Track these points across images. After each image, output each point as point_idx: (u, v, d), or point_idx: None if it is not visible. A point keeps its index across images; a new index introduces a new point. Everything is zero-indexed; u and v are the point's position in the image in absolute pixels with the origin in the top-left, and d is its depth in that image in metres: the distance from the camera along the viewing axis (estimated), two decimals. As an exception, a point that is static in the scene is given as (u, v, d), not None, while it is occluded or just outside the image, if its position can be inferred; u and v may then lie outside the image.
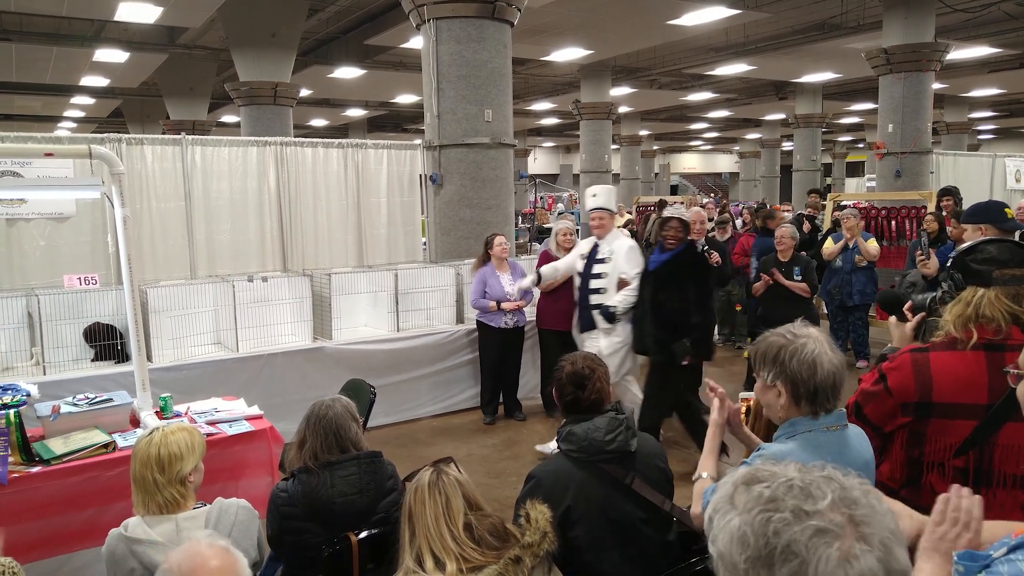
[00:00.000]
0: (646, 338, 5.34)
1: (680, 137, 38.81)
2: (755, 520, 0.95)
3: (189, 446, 2.51)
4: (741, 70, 18.16)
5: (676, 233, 5.34)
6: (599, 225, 5.69)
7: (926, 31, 11.87)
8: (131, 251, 3.85)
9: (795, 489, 0.97)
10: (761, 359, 2.05)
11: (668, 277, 5.25)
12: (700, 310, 5.26)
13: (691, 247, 5.42)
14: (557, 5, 11.76)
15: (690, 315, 5.18)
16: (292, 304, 6.20)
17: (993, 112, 27.85)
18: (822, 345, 2.00)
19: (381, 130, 30.21)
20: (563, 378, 2.65)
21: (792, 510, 0.95)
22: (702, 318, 5.29)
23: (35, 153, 4.49)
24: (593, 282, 5.60)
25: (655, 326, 5.23)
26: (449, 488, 2.20)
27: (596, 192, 5.83)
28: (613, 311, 5.47)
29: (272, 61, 12.51)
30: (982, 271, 2.18)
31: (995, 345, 2.14)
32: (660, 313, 5.21)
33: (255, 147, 7.01)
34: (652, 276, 5.34)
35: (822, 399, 1.99)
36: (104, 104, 21.37)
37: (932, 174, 11.86)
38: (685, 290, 5.21)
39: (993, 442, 2.13)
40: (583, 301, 5.67)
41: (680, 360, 5.17)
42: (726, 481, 1.06)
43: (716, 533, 1.00)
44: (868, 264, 7.97)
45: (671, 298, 5.19)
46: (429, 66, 7.67)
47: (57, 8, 11.03)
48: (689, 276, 5.26)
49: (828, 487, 0.97)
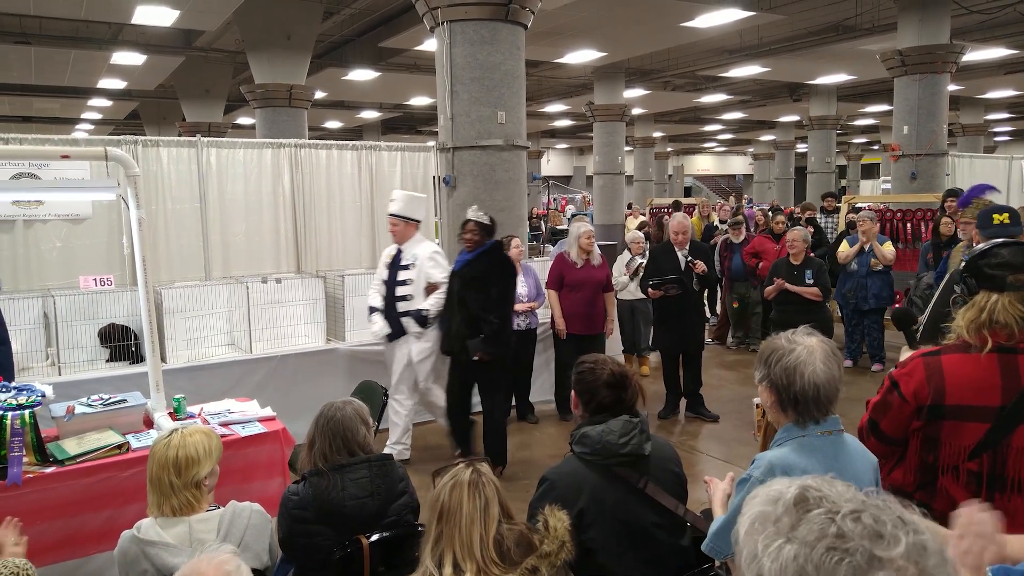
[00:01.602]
0: (452, 338, 5.33)
1: (694, 139, 38.69)
2: (820, 558, 0.87)
3: (207, 450, 2.51)
4: (755, 72, 18.08)
5: (472, 236, 5.37)
6: (393, 231, 5.66)
7: (941, 33, 11.77)
8: (146, 252, 3.87)
9: (865, 526, 0.89)
10: (758, 358, 2.08)
11: (472, 278, 5.28)
12: (498, 308, 5.30)
13: (495, 248, 5.43)
14: (571, 8, 11.75)
15: (490, 314, 5.22)
16: (306, 305, 6.23)
17: (1009, 114, 27.60)
18: (812, 355, 1.97)
19: (395, 132, 30.29)
20: (598, 380, 2.58)
21: (863, 553, 0.86)
22: (499, 317, 5.30)
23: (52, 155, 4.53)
24: (399, 289, 5.55)
25: (461, 326, 5.25)
26: (488, 491, 2.13)
27: (395, 197, 5.73)
28: (426, 315, 5.47)
29: (287, 63, 12.58)
30: (996, 276, 2.16)
31: (1008, 348, 2.12)
32: (465, 313, 5.24)
33: (270, 149, 7.04)
34: (457, 277, 5.38)
35: (803, 409, 1.98)
36: (121, 106, 21.54)
37: (948, 176, 11.77)
38: (489, 290, 5.26)
39: (1007, 445, 2.11)
40: (390, 309, 5.59)
41: (472, 355, 5.19)
42: (765, 496, 0.97)
43: (758, 554, 0.91)
44: (884, 267, 7.91)
45: (476, 298, 5.22)
46: (443, 68, 7.68)
47: (76, 11, 11.12)
48: (491, 277, 5.30)
49: (902, 531, 0.89)
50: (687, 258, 6.51)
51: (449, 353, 5.45)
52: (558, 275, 6.55)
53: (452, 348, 5.37)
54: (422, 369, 5.62)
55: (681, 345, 6.67)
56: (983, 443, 2.12)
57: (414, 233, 5.67)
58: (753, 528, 0.94)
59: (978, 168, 12.28)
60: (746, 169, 44.30)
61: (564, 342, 6.54)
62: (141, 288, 3.92)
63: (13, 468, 3.21)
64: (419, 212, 5.75)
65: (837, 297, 8.33)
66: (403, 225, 5.62)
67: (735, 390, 7.08)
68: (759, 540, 0.92)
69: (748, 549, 0.93)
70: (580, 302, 6.45)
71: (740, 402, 6.14)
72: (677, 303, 6.47)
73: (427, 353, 5.57)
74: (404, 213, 5.62)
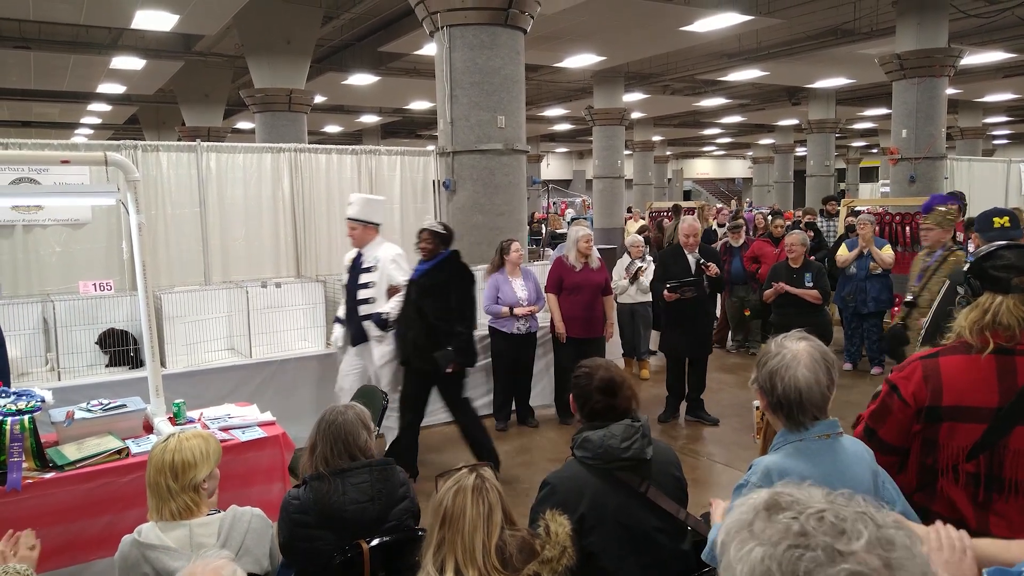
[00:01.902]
0: (409, 348, 5.21)
1: (693, 142, 38.73)
2: (783, 556, 0.89)
3: (204, 453, 2.51)
4: (754, 76, 18.11)
5: (426, 244, 5.30)
6: (352, 235, 5.60)
7: (939, 36, 11.80)
8: (146, 257, 3.87)
9: (827, 523, 0.91)
10: (756, 360, 2.10)
11: (430, 287, 5.18)
12: (463, 318, 5.21)
13: (452, 256, 5.32)
14: (570, 12, 11.77)
15: (453, 323, 5.13)
16: (305, 310, 6.23)
17: (1008, 117, 27.64)
18: (797, 360, 1.97)
19: (394, 136, 30.32)
20: (591, 385, 2.60)
21: (824, 548, 0.88)
22: (465, 326, 5.23)
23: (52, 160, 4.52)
24: (361, 292, 5.49)
25: (419, 335, 5.14)
26: (492, 497, 2.12)
27: (352, 200, 5.69)
28: (387, 318, 5.40)
29: (287, 68, 12.60)
30: (1001, 278, 2.16)
31: (1006, 350, 2.13)
32: (423, 322, 5.13)
33: (269, 154, 7.04)
34: (415, 286, 5.26)
35: (789, 411, 1.99)
36: (120, 111, 21.56)
37: (946, 179, 11.78)
38: (447, 299, 5.16)
39: (1004, 447, 2.11)
40: (351, 313, 5.54)
41: (444, 368, 5.10)
42: (743, 504, 1.00)
43: (732, 562, 0.94)
44: (883, 271, 7.92)
45: (434, 307, 5.12)
46: (442, 73, 7.69)
47: (75, 16, 11.14)
48: (451, 285, 5.20)
49: (863, 524, 0.91)
50: (699, 260, 6.46)
51: (406, 364, 5.31)
52: (557, 279, 6.56)
53: (409, 358, 5.26)
54: (384, 375, 5.53)
55: (691, 348, 6.61)
56: (980, 444, 2.12)
57: (374, 236, 5.63)
58: (729, 536, 0.97)
59: (977, 171, 12.30)
60: (745, 173, 44.35)
61: (564, 346, 6.54)
62: (141, 293, 3.92)
63: (13, 473, 3.21)
64: (377, 215, 5.68)
65: (837, 300, 8.33)
66: (361, 228, 5.58)
67: (735, 394, 7.08)
68: (732, 547, 0.95)
69: (726, 557, 0.96)
70: (579, 306, 6.45)
71: (740, 405, 6.14)
72: (691, 306, 6.39)
73: (388, 357, 5.48)
74: (362, 216, 5.57)
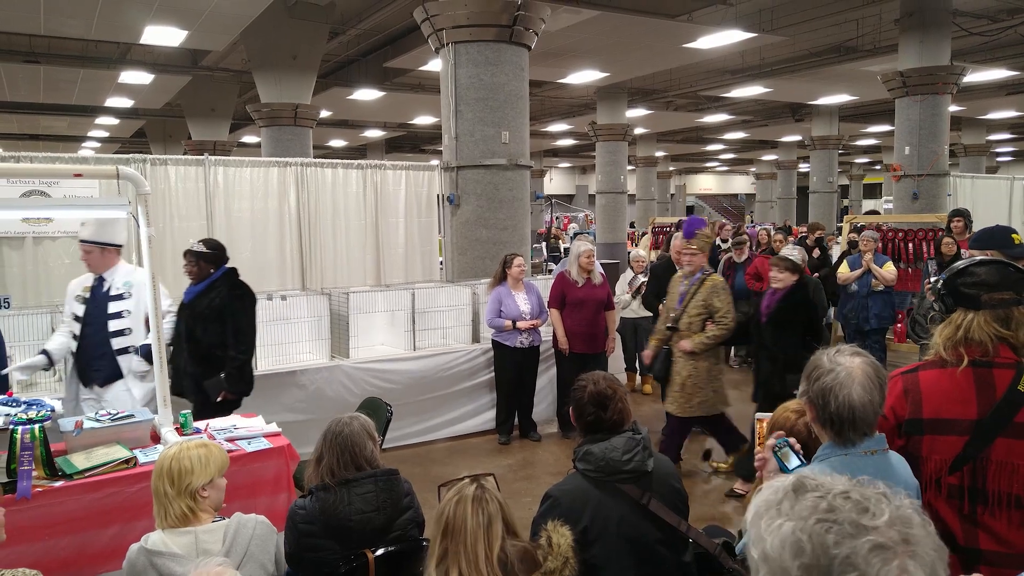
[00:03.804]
0: (183, 377, 4.80)
1: (696, 158, 38.84)
2: (812, 528, 0.98)
3: (202, 461, 2.57)
4: (757, 92, 18.20)
5: (190, 267, 4.88)
6: (87, 260, 4.71)
7: (942, 54, 11.87)
8: (155, 269, 3.93)
9: (852, 501, 1.01)
10: (804, 373, 2.07)
11: (204, 311, 4.77)
12: (238, 343, 4.78)
13: (228, 276, 4.87)
14: (574, 29, 11.88)
15: (227, 349, 4.75)
16: (310, 322, 6.28)
17: (1011, 134, 27.71)
18: (851, 378, 1.95)
19: (399, 150, 30.46)
20: (584, 398, 2.65)
21: (850, 523, 0.98)
22: (241, 351, 4.79)
23: (64, 173, 4.59)
24: (113, 323, 4.64)
25: (191, 363, 4.76)
26: (492, 508, 2.15)
27: (85, 222, 4.77)
28: None
29: (293, 83, 12.71)
30: (971, 295, 2.20)
31: (983, 363, 2.17)
32: (197, 349, 4.76)
33: (276, 168, 7.11)
34: (187, 310, 4.85)
35: (839, 428, 1.97)
36: (127, 124, 21.71)
37: (950, 196, 11.82)
38: (223, 324, 4.76)
39: (986, 458, 2.14)
40: (98, 348, 4.63)
41: (215, 397, 4.72)
42: (770, 487, 1.08)
43: (762, 535, 1.02)
44: (885, 288, 7.94)
45: (208, 333, 4.75)
46: (448, 89, 7.77)
47: (85, 31, 11.26)
48: (227, 308, 4.77)
49: (884, 504, 1.01)
50: None
51: (179, 394, 4.77)
52: (559, 294, 6.59)
53: (181, 388, 4.81)
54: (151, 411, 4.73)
55: None
56: (962, 456, 2.15)
57: (116, 260, 4.75)
58: (758, 514, 1.06)
59: (980, 188, 12.33)
60: (748, 188, 44.43)
61: (566, 360, 6.57)
62: (150, 305, 3.98)
63: (23, 482, 3.25)
64: (119, 235, 4.77)
65: (838, 317, 8.35)
66: (99, 252, 4.68)
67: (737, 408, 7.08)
68: (762, 523, 1.04)
69: (754, 532, 1.05)
70: (582, 322, 6.47)
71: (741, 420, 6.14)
72: None
73: (153, 394, 4.54)
74: (99, 238, 4.67)
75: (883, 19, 12.68)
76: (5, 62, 13.25)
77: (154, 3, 9.75)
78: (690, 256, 5.64)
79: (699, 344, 5.44)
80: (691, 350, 5.46)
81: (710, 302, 5.49)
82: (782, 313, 5.36)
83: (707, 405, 5.51)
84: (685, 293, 5.61)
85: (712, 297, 5.49)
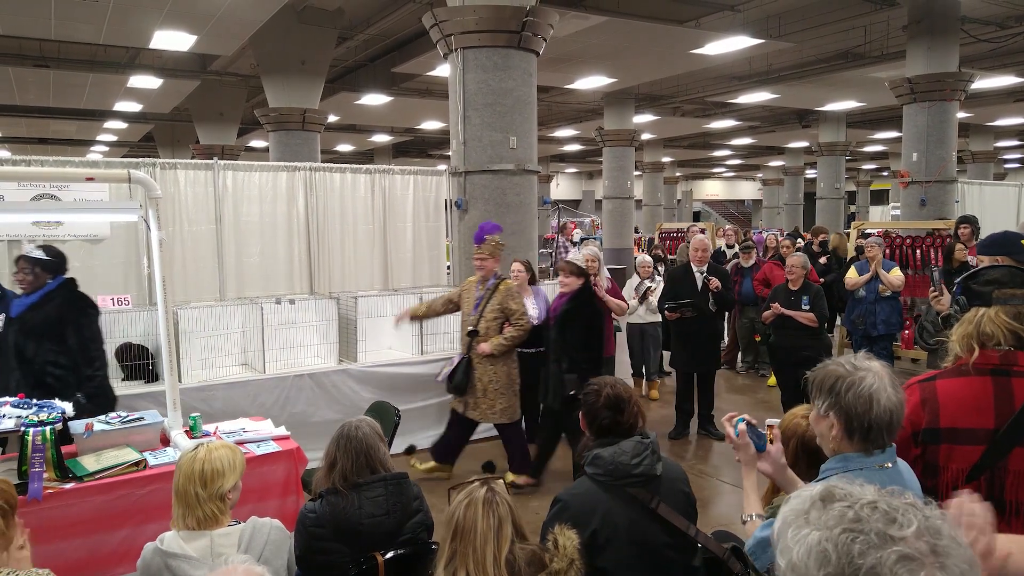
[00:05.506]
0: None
1: (703, 164, 38.83)
2: (838, 538, 0.98)
3: (231, 463, 2.57)
4: (764, 98, 18.21)
5: (23, 276, 4.29)
6: None
7: (950, 61, 11.86)
8: (166, 273, 3.95)
9: (879, 512, 1.00)
10: (817, 388, 2.00)
11: (38, 326, 4.22)
12: (88, 359, 4.28)
13: (64, 286, 4.35)
14: (582, 35, 11.91)
15: (79, 367, 4.25)
16: (318, 326, 6.30)
17: (1019, 141, 27.64)
18: (882, 380, 1.94)
19: (406, 155, 30.53)
20: (598, 402, 2.66)
21: (877, 533, 0.97)
22: (96, 369, 4.32)
23: (76, 177, 4.62)
24: None
25: (25, 387, 4.08)
26: (503, 510, 2.16)
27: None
28: None
29: (301, 88, 12.77)
30: (983, 292, 2.26)
31: (1001, 370, 2.17)
32: (29, 370, 4.20)
33: (285, 172, 7.14)
34: (16, 324, 4.26)
35: (875, 436, 1.94)
36: (136, 128, 21.82)
37: (957, 203, 11.78)
38: (62, 340, 4.22)
39: (1004, 468, 2.14)
40: None
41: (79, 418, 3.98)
42: (799, 495, 1.08)
43: (789, 545, 1.02)
44: (892, 294, 7.93)
45: (42, 350, 4.20)
46: (456, 94, 7.79)
47: (95, 36, 11.34)
48: (67, 319, 4.26)
49: (913, 514, 0.99)
50: (704, 275, 6.70)
51: None
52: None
53: None
54: None
55: (698, 364, 6.82)
56: (979, 465, 2.15)
57: None
58: (786, 523, 1.06)
59: (988, 195, 12.29)
60: (755, 194, 44.36)
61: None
62: (161, 307, 4.00)
63: (34, 483, 3.27)
64: None
65: (846, 323, 8.34)
66: None
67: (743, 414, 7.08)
68: (789, 533, 1.04)
69: (782, 542, 1.05)
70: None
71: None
72: (696, 322, 6.66)
73: None
74: None
75: (891, 25, 12.68)
76: (16, 66, 13.35)
77: (164, 8, 9.82)
78: (480, 261, 5.72)
79: (497, 346, 5.52)
80: (490, 352, 5.53)
81: (506, 305, 5.58)
82: (567, 315, 5.50)
83: (510, 411, 5.63)
84: (481, 298, 5.68)
85: (507, 300, 5.59)
